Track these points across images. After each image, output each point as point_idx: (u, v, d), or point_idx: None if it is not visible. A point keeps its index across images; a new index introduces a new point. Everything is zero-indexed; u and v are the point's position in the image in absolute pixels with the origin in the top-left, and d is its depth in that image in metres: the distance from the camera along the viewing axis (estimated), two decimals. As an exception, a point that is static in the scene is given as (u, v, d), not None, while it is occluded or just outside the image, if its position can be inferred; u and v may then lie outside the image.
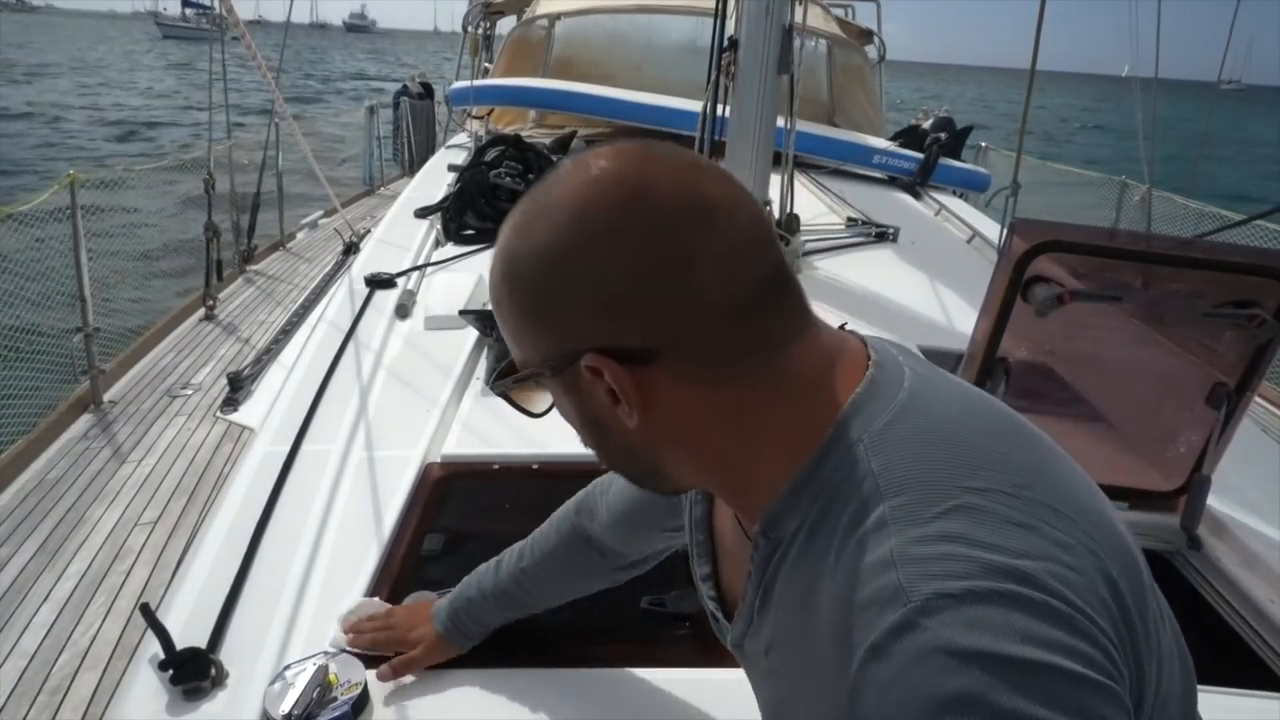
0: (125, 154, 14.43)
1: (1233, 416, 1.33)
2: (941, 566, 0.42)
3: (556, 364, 0.53)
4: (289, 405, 1.62)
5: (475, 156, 3.40)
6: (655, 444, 0.55)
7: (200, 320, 4.59)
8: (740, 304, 0.51)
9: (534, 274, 0.52)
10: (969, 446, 0.48)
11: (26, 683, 2.09)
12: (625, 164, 0.52)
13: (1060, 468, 0.51)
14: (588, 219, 0.50)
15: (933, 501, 0.45)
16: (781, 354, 0.52)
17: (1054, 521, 0.45)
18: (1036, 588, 0.41)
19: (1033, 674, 0.39)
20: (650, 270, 0.49)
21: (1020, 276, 1.25)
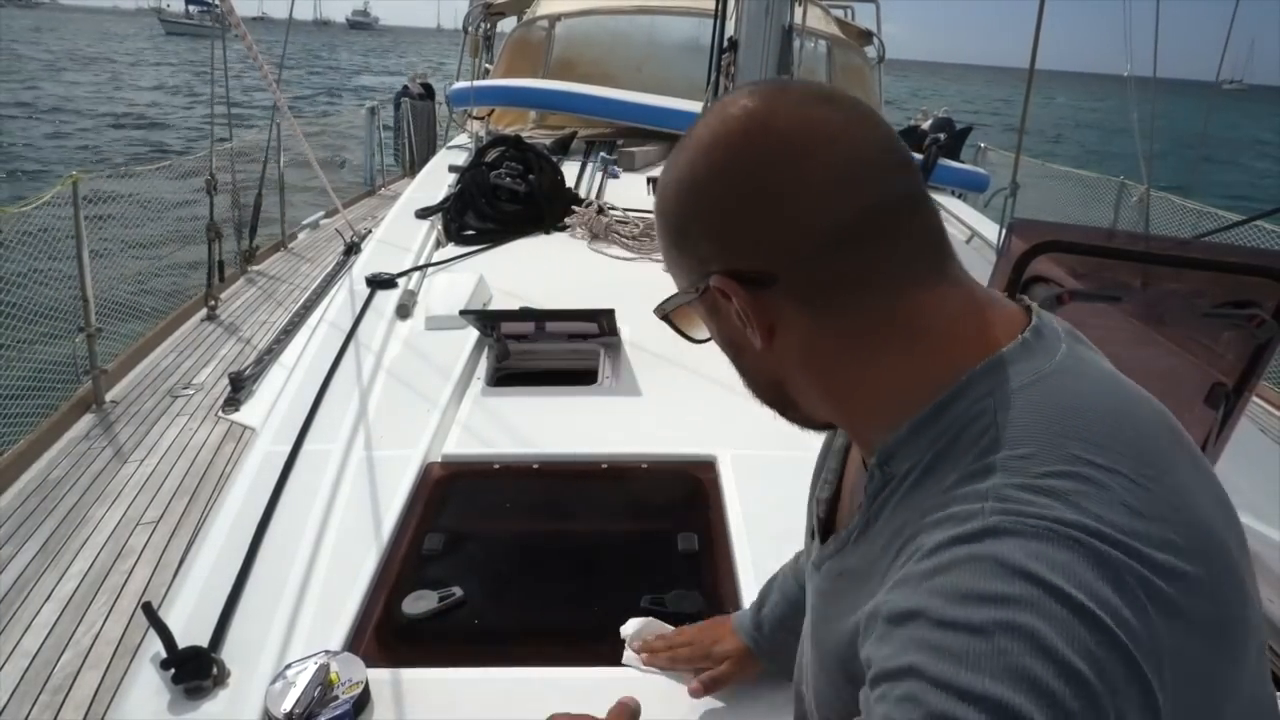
0: (136, 151, 14.45)
1: (1231, 416, 1.33)
2: (1033, 509, 0.43)
3: (696, 287, 0.57)
4: (290, 405, 1.62)
5: (476, 157, 3.40)
6: (782, 368, 0.58)
7: (202, 320, 4.60)
8: (851, 229, 0.52)
9: (673, 204, 0.57)
10: (1102, 427, 0.47)
11: (29, 682, 2.10)
12: (755, 99, 0.55)
13: (1197, 491, 0.48)
14: (713, 151, 0.54)
15: (1048, 461, 0.45)
16: (906, 296, 0.53)
17: (1171, 518, 0.44)
18: (1119, 549, 0.41)
19: (1072, 612, 0.39)
20: (763, 198, 0.52)
21: (1019, 277, 1.25)
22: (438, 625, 1.07)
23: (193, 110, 19.49)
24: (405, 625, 1.07)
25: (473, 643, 1.05)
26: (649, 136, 4.33)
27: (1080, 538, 0.41)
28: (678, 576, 1.16)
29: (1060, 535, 0.41)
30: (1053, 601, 0.39)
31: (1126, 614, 0.40)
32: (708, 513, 1.31)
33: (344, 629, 1.04)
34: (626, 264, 2.70)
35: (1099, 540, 0.41)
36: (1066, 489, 0.44)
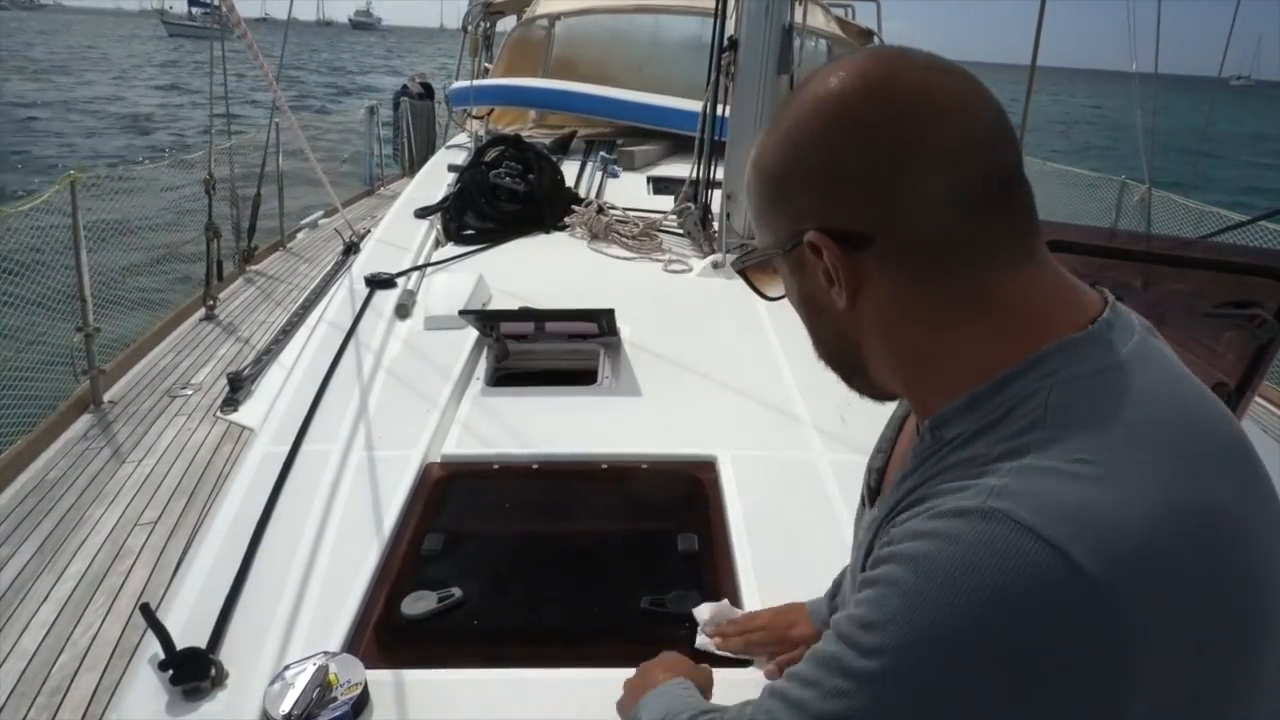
0: (142, 153, 14.51)
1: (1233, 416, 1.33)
2: (1039, 500, 0.44)
3: (786, 243, 0.58)
4: (289, 405, 1.62)
5: (475, 156, 3.40)
6: (860, 330, 0.58)
7: (200, 320, 4.59)
8: (958, 202, 0.52)
9: (776, 159, 0.57)
10: (1151, 424, 0.48)
11: (26, 683, 2.09)
12: (876, 62, 0.55)
13: (1235, 506, 0.48)
14: (827, 108, 0.54)
15: (1084, 449, 0.47)
16: (994, 272, 0.53)
17: (1180, 528, 0.45)
18: (1103, 564, 0.43)
19: (1010, 613, 0.42)
20: (875, 159, 0.52)
21: (1020, 276, 1.25)
22: (437, 626, 1.07)
23: (199, 109, 19.55)
24: (404, 626, 1.06)
25: (472, 643, 1.04)
26: (649, 136, 4.33)
27: (1054, 541, 0.43)
28: (678, 576, 1.16)
29: (1026, 531, 0.43)
30: (967, 571, 0.43)
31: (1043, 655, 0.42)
32: (708, 513, 1.31)
33: (343, 630, 1.03)
34: (626, 264, 2.69)
35: (1084, 556, 0.42)
36: (1090, 475, 0.45)
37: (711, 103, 2.82)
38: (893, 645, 0.45)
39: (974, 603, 0.43)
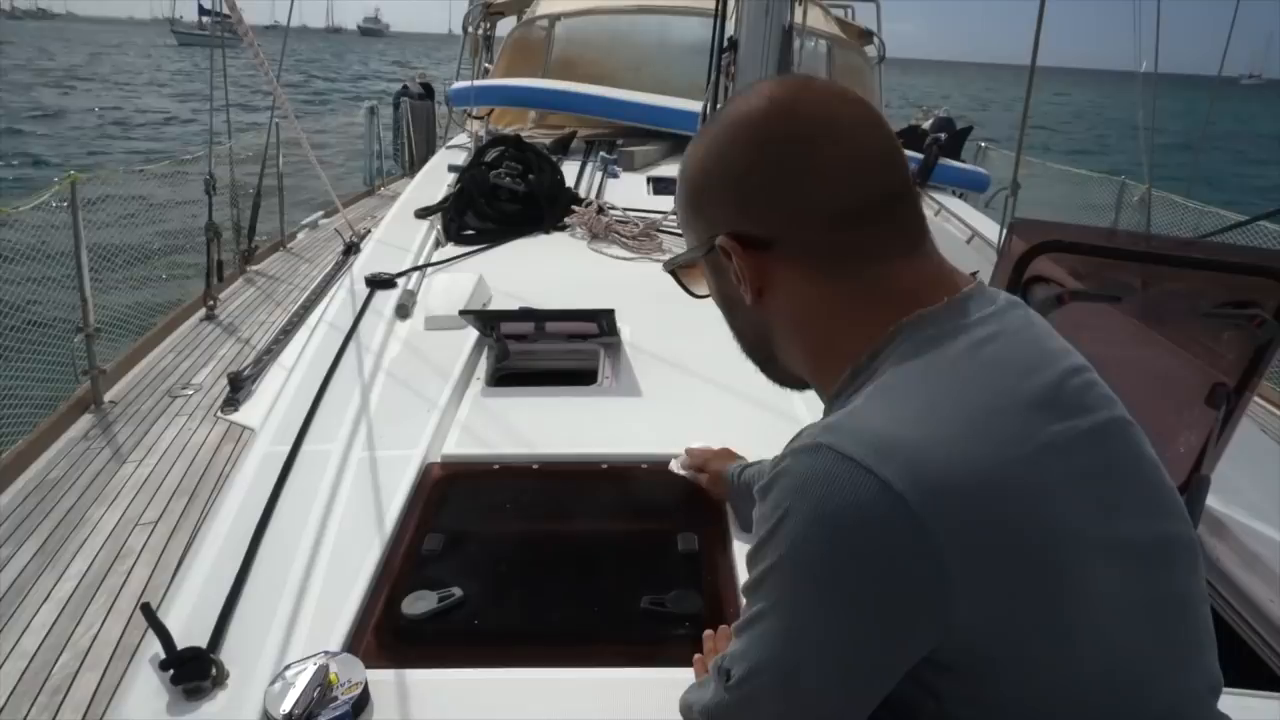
0: (149, 154, 14.62)
1: (1232, 416, 1.33)
2: (857, 434, 0.54)
3: (705, 246, 0.67)
4: (289, 405, 1.62)
5: (475, 157, 3.40)
6: (768, 323, 0.68)
7: (201, 320, 4.59)
8: (848, 213, 0.61)
9: (696, 172, 0.67)
10: (973, 377, 0.57)
11: (27, 683, 2.09)
12: (783, 89, 0.64)
13: (1040, 446, 0.55)
14: (739, 127, 0.64)
15: (906, 397, 0.56)
16: (879, 268, 0.62)
17: (981, 467, 0.53)
18: (902, 482, 0.51)
19: (819, 520, 0.52)
20: (777, 174, 0.61)
21: (1020, 277, 1.25)
22: (437, 626, 1.07)
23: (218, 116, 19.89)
24: (405, 626, 1.06)
25: (472, 643, 1.05)
26: (649, 136, 4.33)
27: (870, 465, 0.51)
28: (678, 577, 1.16)
29: (843, 458, 0.52)
30: (810, 502, 0.53)
31: (865, 536, 0.51)
32: (708, 513, 1.31)
33: (343, 629, 1.04)
34: (626, 264, 2.70)
35: (893, 477, 0.51)
36: (906, 417, 0.54)
37: (711, 103, 2.82)
38: (761, 569, 0.56)
39: (805, 521, 0.53)
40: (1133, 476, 0.60)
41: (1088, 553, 0.55)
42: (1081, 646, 0.54)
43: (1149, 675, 0.57)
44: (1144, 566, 0.57)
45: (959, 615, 0.52)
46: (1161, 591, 0.58)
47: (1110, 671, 0.55)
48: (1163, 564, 0.59)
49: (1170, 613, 0.59)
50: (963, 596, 0.51)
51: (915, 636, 0.53)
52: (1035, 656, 0.54)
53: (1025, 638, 0.53)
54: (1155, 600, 0.58)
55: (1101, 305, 1.29)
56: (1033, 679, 0.54)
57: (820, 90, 0.64)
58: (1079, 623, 0.54)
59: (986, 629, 0.53)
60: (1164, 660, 0.58)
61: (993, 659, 0.54)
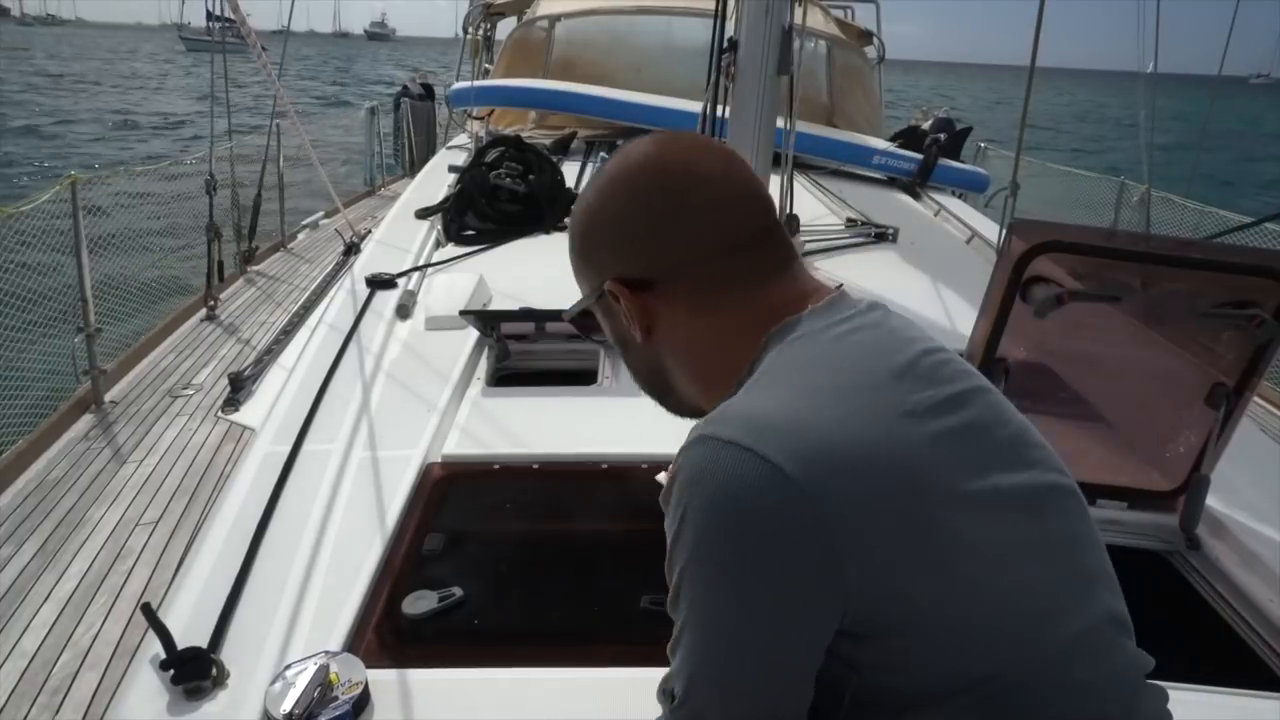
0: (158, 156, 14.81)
1: (1231, 416, 1.33)
2: (734, 422, 0.58)
3: (595, 292, 0.72)
4: (290, 405, 1.62)
5: (475, 157, 3.40)
6: (661, 358, 0.73)
7: (201, 320, 4.59)
8: (716, 248, 0.68)
9: (582, 224, 0.73)
10: (829, 366, 0.62)
11: (27, 682, 2.10)
12: (652, 144, 0.71)
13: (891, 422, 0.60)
14: (616, 181, 0.71)
15: (774, 388, 0.61)
16: (753, 295, 0.68)
17: (847, 440, 0.56)
18: (779, 455, 0.54)
19: (712, 502, 0.55)
20: (649, 219, 0.68)
21: (1019, 277, 1.25)
22: (438, 625, 1.07)
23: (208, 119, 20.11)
24: (405, 625, 1.06)
25: (473, 643, 1.05)
26: (649, 137, 4.33)
27: (748, 444, 0.55)
28: None
29: (725, 444, 0.56)
30: (703, 492, 0.56)
31: (754, 505, 0.54)
32: None
33: (344, 629, 1.04)
34: None
35: (770, 451, 0.54)
36: (775, 403, 0.59)
37: (711, 103, 2.82)
38: (675, 577, 0.59)
39: (702, 512, 0.56)
40: (993, 435, 0.63)
41: (957, 505, 0.58)
42: (971, 595, 0.57)
43: (1046, 612, 0.59)
44: (1016, 513, 0.61)
45: (852, 580, 0.54)
46: (1037, 533, 0.61)
47: (1006, 614, 0.58)
48: (1036, 510, 0.62)
49: (1056, 553, 0.62)
50: (852, 561, 0.54)
51: (822, 608, 0.56)
52: (930, 612, 0.56)
53: (916, 594, 0.56)
54: (1034, 542, 0.61)
55: (1101, 305, 1.29)
56: (936, 635, 0.56)
57: (687, 143, 0.72)
58: (963, 572, 0.57)
59: (880, 592, 0.55)
60: (1057, 597, 0.60)
61: (894, 621, 0.56)
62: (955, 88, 62.04)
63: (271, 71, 3.85)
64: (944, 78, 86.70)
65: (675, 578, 0.59)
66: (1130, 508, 1.44)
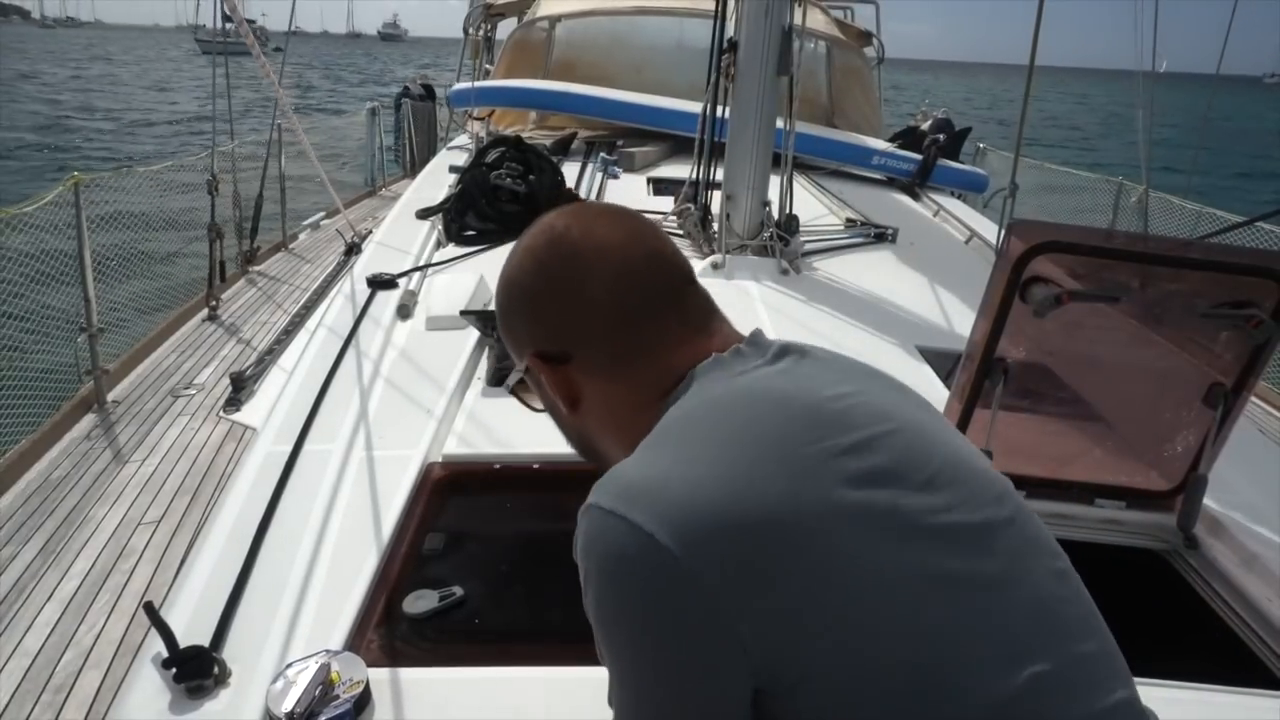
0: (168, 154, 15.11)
1: (1229, 416, 1.33)
2: (615, 489, 0.58)
3: (521, 366, 0.73)
4: (291, 405, 1.62)
5: (476, 158, 3.40)
6: (589, 429, 0.73)
7: (203, 321, 4.60)
8: (623, 319, 0.68)
9: (501, 295, 0.73)
10: (718, 419, 0.61)
11: (30, 681, 2.10)
12: (559, 218, 0.72)
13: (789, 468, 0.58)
14: (525, 257, 0.71)
15: (662, 450, 0.60)
16: (668, 357, 0.68)
17: (730, 499, 0.55)
18: (643, 517, 0.55)
19: (606, 569, 0.57)
20: (555, 293, 0.69)
21: (1018, 277, 1.25)
22: (438, 625, 1.07)
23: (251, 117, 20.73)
24: (406, 625, 1.07)
25: (473, 642, 1.05)
26: (649, 137, 4.33)
27: (622, 512, 0.56)
28: None
29: (604, 513, 0.57)
30: (593, 564, 0.57)
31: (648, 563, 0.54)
32: None
33: (345, 628, 1.04)
34: None
35: (642, 519, 0.55)
36: (659, 466, 0.58)
37: (711, 104, 2.83)
38: (597, 637, 0.61)
39: (597, 581, 0.57)
40: (907, 478, 0.59)
41: (855, 553, 0.55)
42: (880, 644, 0.54)
43: (966, 663, 0.54)
44: (929, 555, 0.56)
45: (746, 636, 0.53)
46: (958, 576, 0.57)
47: (921, 664, 0.54)
48: (954, 551, 0.57)
49: (977, 598, 0.57)
50: (740, 617, 0.53)
51: (727, 668, 0.54)
52: (837, 664, 0.54)
53: (820, 646, 0.53)
54: (954, 585, 0.56)
55: (1100, 306, 1.29)
56: (850, 686, 0.54)
57: (593, 213, 0.73)
58: (867, 621, 0.54)
59: (781, 647, 0.53)
60: (979, 644, 0.55)
61: (805, 675, 0.54)
62: (968, 87, 61.93)
63: (271, 73, 3.86)
64: (958, 77, 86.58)
65: (597, 637, 0.61)
66: (1128, 507, 1.44)
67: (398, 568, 1.17)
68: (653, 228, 0.73)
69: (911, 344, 2.03)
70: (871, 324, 2.14)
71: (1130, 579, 1.40)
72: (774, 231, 2.68)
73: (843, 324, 2.16)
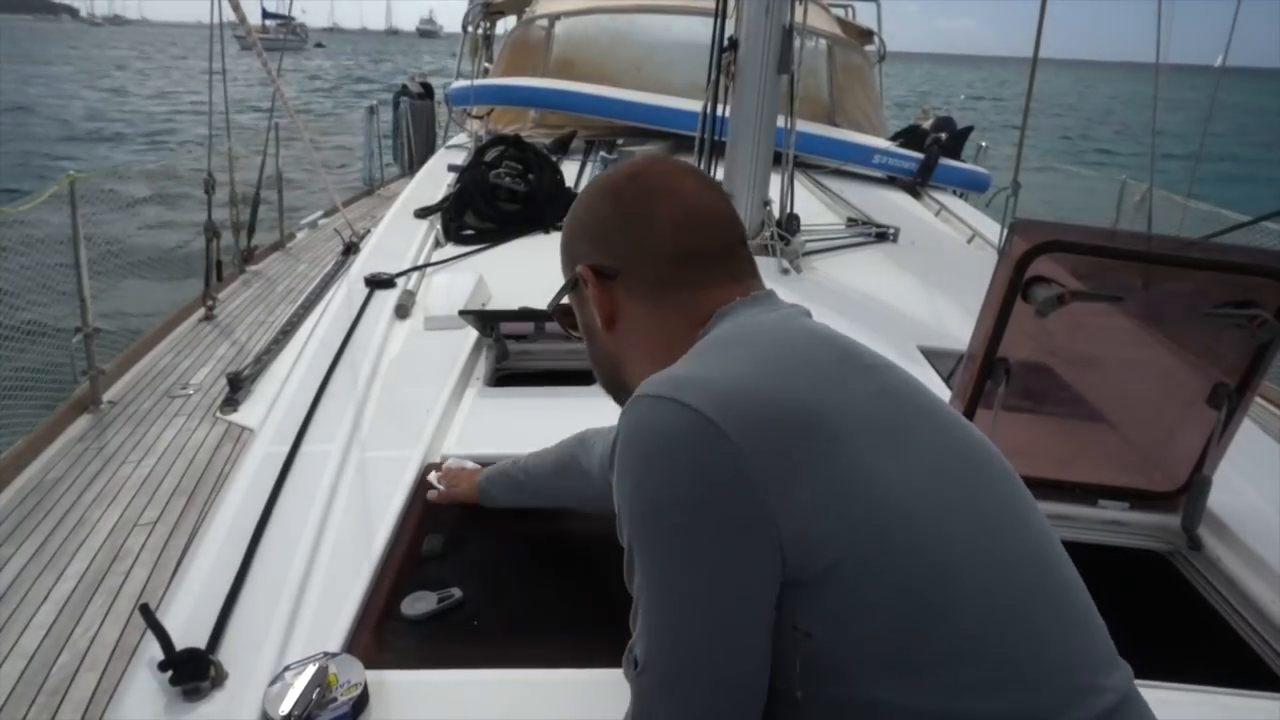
0: None
1: (1233, 417, 1.33)
2: (664, 380, 0.64)
3: (570, 279, 0.83)
4: (289, 405, 1.61)
5: (475, 156, 3.40)
6: (620, 351, 0.81)
7: (200, 320, 4.58)
8: (679, 255, 0.77)
9: (570, 218, 0.85)
10: (757, 341, 0.70)
11: (26, 683, 2.09)
12: (645, 158, 0.83)
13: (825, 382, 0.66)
14: (600, 188, 0.83)
15: (704, 355, 0.69)
16: (706, 294, 0.76)
17: (766, 394, 0.62)
18: (694, 398, 0.60)
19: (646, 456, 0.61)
20: (622, 219, 0.79)
21: (1021, 277, 1.25)
22: (437, 626, 1.07)
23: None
24: (404, 626, 1.06)
25: (472, 644, 1.04)
26: (649, 136, 4.33)
27: (671, 395, 0.61)
28: None
29: (653, 399, 0.62)
30: (636, 447, 0.62)
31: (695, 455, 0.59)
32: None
33: (342, 630, 1.03)
34: None
35: (694, 400, 0.60)
36: (704, 365, 0.67)
37: (711, 102, 2.82)
38: (626, 543, 0.64)
39: (638, 466, 0.61)
40: (909, 398, 0.69)
41: (883, 451, 0.62)
42: (902, 525, 0.59)
43: (988, 534, 0.62)
44: (939, 456, 0.65)
45: (782, 516, 0.57)
46: (968, 472, 0.66)
47: (943, 542, 0.60)
48: (959, 455, 0.67)
49: (980, 481, 0.67)
50: (777, 496, 0.57)
51: (759, 551, 0.57)
52: (869, 547, 0.58)
53: (850, 528, 0.58)
54: (960, 477, 0.65)
55: (1103, 305, 1.29)
56: (879, 576, 0.58)
57: (676, 164, 0.83)
58: (881, 499, 0.59)
59: (813, 527, 0.58)
60: (997, 524, 0.64)
61: (832, 562, 0.57)
62: (1018, 82, 62.34)
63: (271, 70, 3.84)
64: (1003, 71, 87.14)
65: (626, 541, 0.63)
66: (1132, 508, 1.44)
67: (396, 569, 1.16)
68: (719, 189, 0.83)
69: (913, 344, 2.02)
70: (873, 324, 2.14)
71: (1133, 580, 1.39)
72: (775, 231, 2.67)
73: (844, 323, 2.13)
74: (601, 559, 1.22)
